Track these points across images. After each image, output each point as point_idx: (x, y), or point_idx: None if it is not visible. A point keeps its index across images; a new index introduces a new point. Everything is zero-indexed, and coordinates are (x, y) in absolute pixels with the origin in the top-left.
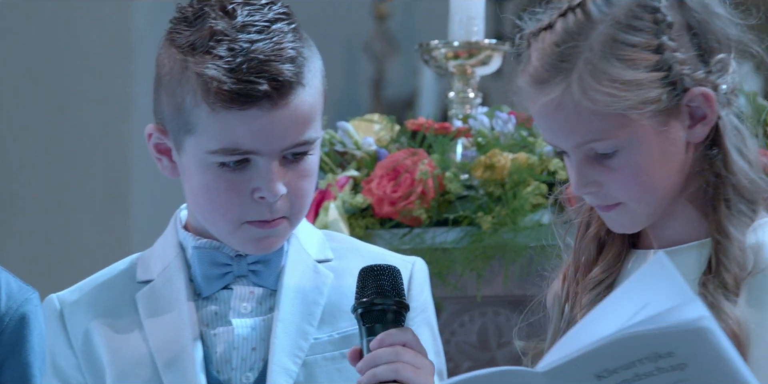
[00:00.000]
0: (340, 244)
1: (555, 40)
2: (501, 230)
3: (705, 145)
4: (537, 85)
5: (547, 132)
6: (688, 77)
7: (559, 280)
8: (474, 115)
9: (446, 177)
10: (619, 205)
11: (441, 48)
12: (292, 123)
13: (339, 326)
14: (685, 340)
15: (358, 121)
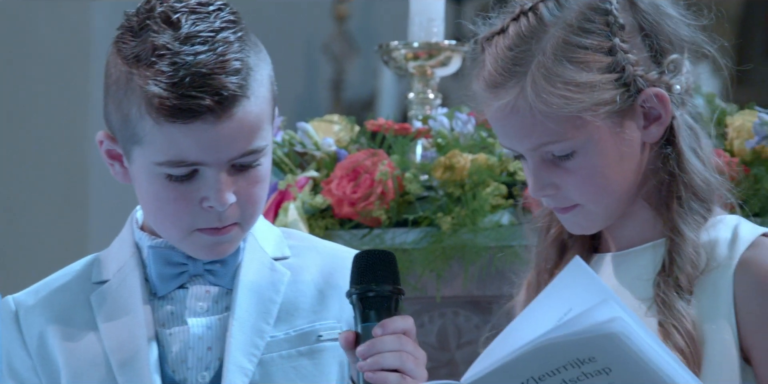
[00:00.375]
0: (298, 241)
1: (508, 44)
2: (460, 231)
3: (659, 144)
4: (491, 89)
5: (503, 136)
6: (642, 78)
7: (522, 291)
8: (434, 116)
9: (406, 178)
10: (576, 207)
11: (401, 49)
12: (237, 134)
13: (295, 324)
14: (600, 344)
15: (318, 122)
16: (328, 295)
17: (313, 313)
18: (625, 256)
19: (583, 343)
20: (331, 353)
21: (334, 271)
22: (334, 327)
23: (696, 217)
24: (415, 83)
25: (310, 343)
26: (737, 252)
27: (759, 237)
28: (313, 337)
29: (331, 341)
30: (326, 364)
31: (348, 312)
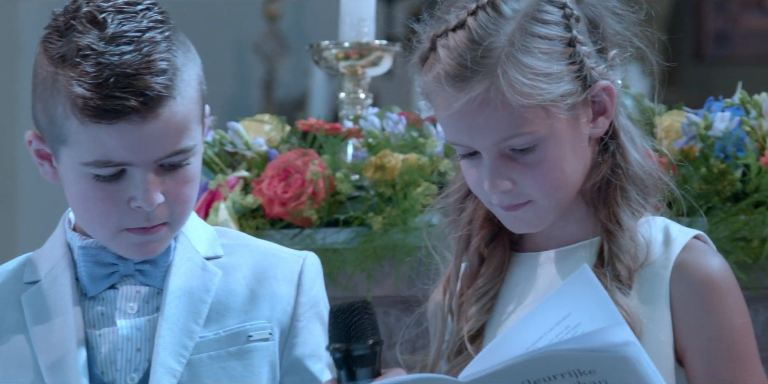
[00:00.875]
0: (231, 240)
1: (471, 37)
2: (391, 231)
3: (600, 140)
4: (457, 84)
5: (463, 132)
6: (594, 71)
7: (440, 293)
8: (365, 115)
9: (337, 178)
10: (528, 204)
11: (332, 49)
12: (163, 134)
13: (226, 324)
14: (609, 362)
15: (249, 122)
16: (259, 295)
17: (244, 313)
18: (562, 254)
19: (594, 358)
20: (261, 354)
21: (266, 271)
22: (265, 327)
23: (637, 208)
24: (346, 83)
25: (240, 343)
26: (672, 253)
27: (691, 239)
28: (243, 337)
29: (261, 342)
30: (256, 365)
31: (279, 312)
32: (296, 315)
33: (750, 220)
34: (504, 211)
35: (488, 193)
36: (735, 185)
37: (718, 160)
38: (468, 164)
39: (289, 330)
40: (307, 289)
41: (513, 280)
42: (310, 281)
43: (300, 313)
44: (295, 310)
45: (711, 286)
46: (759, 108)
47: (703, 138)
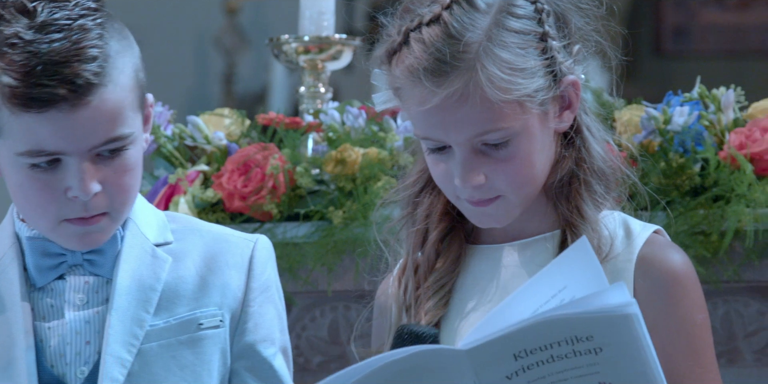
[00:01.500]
0: (181, 225)
1: (447, 31)
2: (352, 225)
3: (564, 134)
4: (435, 79)
5: (438, 127)
6: (563, 66)
7: (393, 286)
8: (325, 109)
9: (297, 172)
10: (497, 199)
11: (291, 43)
12: (95, 122)
13: (176, 312)
14: (608, 325)
15: (209, 116)
16: (210, 282)
17: (195, 300)
18: (520, 247)
19: (593, 321)
20: (211, 341)
21: (216, 257)
22: (215, 314)
23: (599, 201)
24: (306, 77)
25: (191, 331)
26: (635, 247)
27: (652, 234)
28: (194, 325)
29: (211, 329)
30: (207, 353)
31: (229, 298)
32: (247, 301)
33: (709, 214)
34: (473, 206)
35: (456, 188)
36: (694, 179)
37: (677, 155)
38: (436, 159)
39: (240, 315)
40: (258, 273)
41: (471, 273)
42: (260, 266)
43: (251, 298)
44: (246, 296)
45: (674, 281)
46: (718, 102)
47: (662, 132)
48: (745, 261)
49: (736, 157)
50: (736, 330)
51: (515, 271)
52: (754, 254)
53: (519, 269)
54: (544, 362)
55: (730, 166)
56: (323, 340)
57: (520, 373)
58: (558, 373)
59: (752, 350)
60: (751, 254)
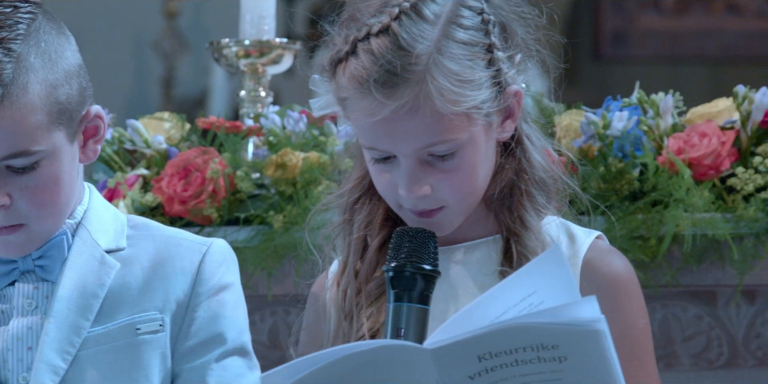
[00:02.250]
0: (138, 230)
1: (397, 43)
2: (292, 229)
3: (504, 144)
4: (385, 91)
5: (385, 138)
6: (507, 76)
7: (332, 291)
8: (265, 113)
9: (237, 176)
10: (441, 210)
11: (232, 46)
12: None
13: (116, 318)
14: (575, 337)
15: (148, 119)
16: (153, 286)
17: (136, 305)
18: (465, 249)
19: (561, 332)
20: (150, 346)
21: (163, 260)
22: (155, 318)
23: (541, 210)
24: (246, 81)
25: (128, 337)
26: (579, 252)
27: (595, 240)
28: (131, 330)
29: (150, 334)
30: (144, 358)
31: (172, 302)
32: (192, 305)
33: (647, 219)
34: (416, 216)
35: (400, 197)
36: (633, 184)
37: (616, 159)
38: (380, 169)
39: (184, 319)
40: (206, 278)
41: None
42: (210, 270)
43: (197, 303)
44: (191, 300)
45: (618, 286)
46: (656, 107)
47: (601, 137)
48: (683, 265)
49: (675, 162)
50: (673, 334)
51: (461, 272)
52: (692, 259)
53: (464, 270)
54: (508, 365)
55: (668, 171)
56: (263, 345)
57: (483, 375)
58: (521, 376)
59: (689, 354)
60: (689, 259)
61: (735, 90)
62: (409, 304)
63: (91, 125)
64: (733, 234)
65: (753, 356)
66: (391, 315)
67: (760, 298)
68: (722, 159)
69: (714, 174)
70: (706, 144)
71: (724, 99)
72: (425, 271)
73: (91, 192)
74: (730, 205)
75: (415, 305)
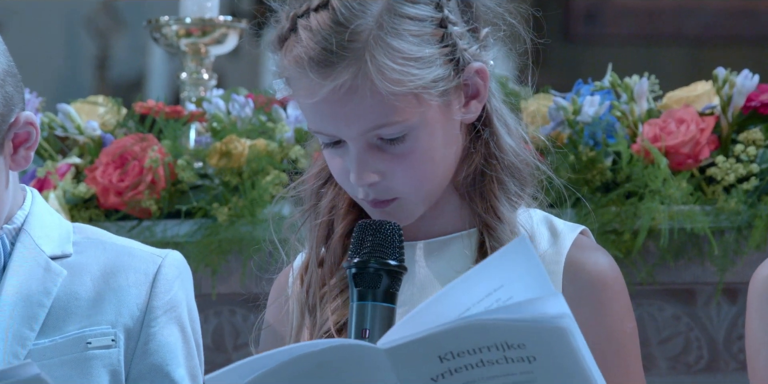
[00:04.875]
0: (85, 237)
1: (335, 18)
2: (238, 223)
3: (472, 126)
4: (321, 70)
5: (328, 120)
6: (467, 52)
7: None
8: (208, 98)
9: (178, 165)
10: (395, 201)
11: (172, 25)
12: None
13: (66, 330)
14: (540, 335)
15: (81, 104)
16: (105, 298)
17: (87, 317)
18: (436, 245)
19: (522, 329)
20: (100, 362)
21: (116, 271)
22: (107, 333)
23: (515, 200)
24: (187, 62)
25: (77, 351)
26: (562, 249)
27: (579, 235)
28: (81, 344)
29: (101, 349)
30: (94, 374)
31: (125, 316)
32: (147, 320)
33: (621, 212)
34: (371, 206)
35: (354, 186)
36: (605, 174)
37: (587, 148)
38: (332, 154)
39: (140, 336)
40: (162, 291)
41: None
42: (166, 283)
43: (153, 317)
44: (146, 315)
45: (603, 287)
46: (630, 92)
47: (571, 123)
48: (660, 262)
49: (650, 151)
50: (649, 335)
51: (427, 271)
52: (669, 254)
53: (430, 269)
54: (474, 366)
55: (643, 160)
56: (207, 348)
57: (447, 376)
58: (489, 378)
59: (666, 357)
60: (666, 254)
61: (715, 72)
62: (374, 303)
63: (21, 132)
64: (713, 228)
65: (735, 359)
66: (355, 315)
67: (741, 296)
68: (701, 147)
69: (692, 163)
70: (683, 131)
71: (703, 82)
72: (390, 267)
73: (33, 197)
74: (709, 196)
75: (381, 304)
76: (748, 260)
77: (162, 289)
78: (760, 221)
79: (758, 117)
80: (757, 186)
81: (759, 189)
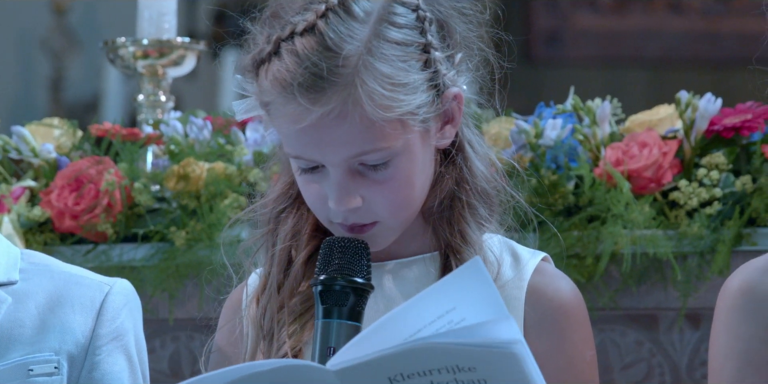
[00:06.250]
0: (33, 265)
1: (323, 43)
2: (196, 247)
3: (444, 151)
4: (311, 96)
5: (312, 146)
6: (446, 78)
7: (251, 308)
8: (166, 120)
9: (135, 188)
10: (375, 224)
11: (128, 46)
12: None
13: (8, 357)
14: (491, 359)
15: (36, 126)
16: (49, 325)
17: (30, 344)
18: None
19: (473, 353)
20: None
21: (61, 298)
22: (50, 360)
23: (482, 222)
24: (144, 84)
25: (20, 378)
26: (525, 275)
27: (541, 262)
28: (23, 371)
29: (44, 376)
30: None
31: (69, 343)
32: (93, 348)
33: (583, 236)
34: (347, 232)
35: (330, 211)
36: (567, 198)
37: (549, 171)
38: (309, 179)
39: (84, 364)
40: (108, 319)
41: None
42: (113, 311)
43: (98, 345)
44: (91, 343)
45: (564, 315)
46: (593, 115)
47: (533, 147)
48: (622, 287)
49: (613, 175)
50: (612, 361)
51: (398, 290)
52: (632, 280)
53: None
54: None
55: (606, 184)
56: (163, 374)
57: None
58: None
59: (629, 383)
60: (629, 279)
61: (677, 96)
62: (340, 321)
63: None
64: (676, 253)
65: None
66: (320, 332)
67: (705, 322)
68: (664, 171)
69: (655, 187)
70: (646, 155)
71: (666, 105)
72: (357, 285)
73: None
74: (672, 221)
75: (346, 322)
76: (711, 285)
77: (108, 317)
78: (723, 246)
79: (721, 141)
80: (720, 210)
81: (722, 213)
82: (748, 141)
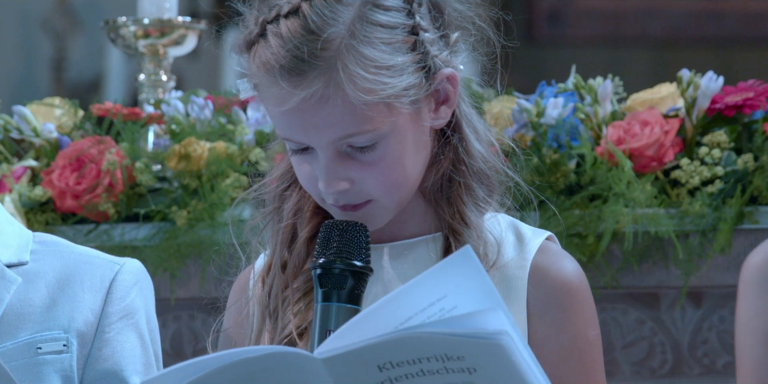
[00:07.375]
0: (44, 246)
1: (306, 26)
2: (197, 226)
3: (441, 131)
4: (292, 79)
5: (297, 129)
6: (438, 59)
7: (257, 288)
8: (167, 99)
9: (136, 168)
10: (368, 203)
11: (129, 26)
12: None
13: (18, 336)
14: (479, 349)
15: (37, 106)
16: (59, 303)
17: (39, 323)
18: (401, 248)
19: (460, 343)
20: (51, 367)
21: (71, 277)
22: (59, 338)
23: (481, 204)
24: (145, 64)
25: (28, 356)
26: (528, 255)
27: (545, 241)
28: (32, 349)
29: (52, 354)
30: (46, 380)
31: (79, 321)
32: (102, 325)
33: (585, 215)
34: (341, 211)
35: (322, 192)
36: (569, 177)
37: (550, 150)
38: (300, 160)
39: (94, 341)
40: (118, 298)
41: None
42: (123, 290)
43: (107, 323)
44: (101, 321)
45: (568, 294)
46: (594, 93)
47: (534, 126)
48: (624, 265)
49: (614, 153)
50: (613, 340)
51: (396, 273)
52: (633, 258)
53: (400, 271)
54: (414, 375)
55: (607, 163)
56: (165, 353)
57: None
58: None
59: (631, 362)
60: (630, 258)
61: (679, 74)
62: (339, 304)
63: None
64: (678, 231)
65: (699, 364)
66: (319, 316)
67: (706, 300)
68: (665, 150)
69: (657, 166)
70: (648, 133)
71: (668, 84)
72: (356, 268)
73: None
74: (674, 199)
75: (345, 305)
76: (713, 264)
77: (118, 295)
78: (724, 224)
79: (723, 119)
80: (721, 189)
81: (723, 192)
82: (749, 119)
